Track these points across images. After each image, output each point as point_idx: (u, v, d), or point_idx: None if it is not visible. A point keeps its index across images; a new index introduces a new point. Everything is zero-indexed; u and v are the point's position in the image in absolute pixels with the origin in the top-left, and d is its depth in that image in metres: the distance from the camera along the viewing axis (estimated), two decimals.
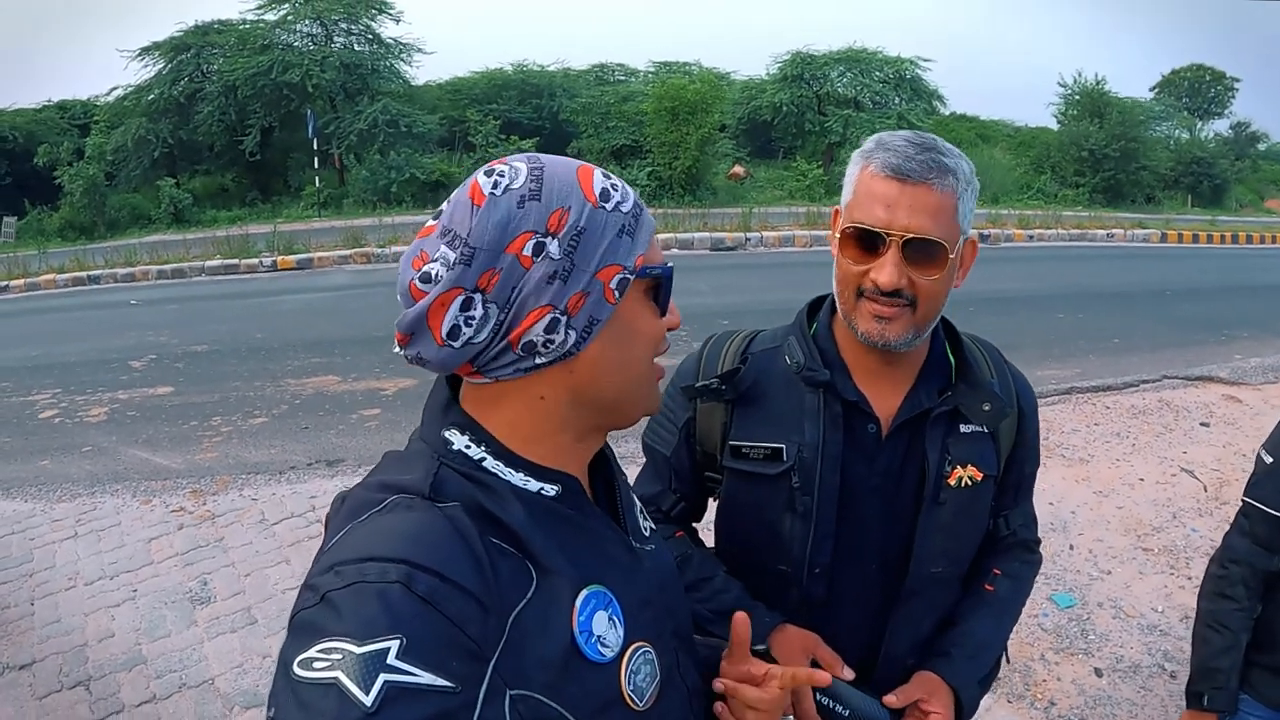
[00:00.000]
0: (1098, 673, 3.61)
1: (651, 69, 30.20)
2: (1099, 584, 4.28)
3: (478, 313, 0.86)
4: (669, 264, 0.96)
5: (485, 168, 0.91)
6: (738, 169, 25.76)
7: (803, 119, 27.35)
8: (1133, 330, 9.74)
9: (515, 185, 0.87)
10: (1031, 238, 17.87)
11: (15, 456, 6.24)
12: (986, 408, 1.43)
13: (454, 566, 0.77)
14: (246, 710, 3.43)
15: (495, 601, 0.80)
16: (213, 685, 3.56)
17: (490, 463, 0.90)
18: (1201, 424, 6.44)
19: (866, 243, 1.32)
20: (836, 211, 1.43)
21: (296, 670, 0.70)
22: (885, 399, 1.46)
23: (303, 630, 0.73)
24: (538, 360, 0.89)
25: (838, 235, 1.37)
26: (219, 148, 23.91)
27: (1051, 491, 5.19)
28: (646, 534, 1.08)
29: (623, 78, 30.71)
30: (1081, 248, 17.72)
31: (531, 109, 27.53)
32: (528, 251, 0.85)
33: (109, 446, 6.31)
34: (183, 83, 23.03)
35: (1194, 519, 4.96)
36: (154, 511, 5.11)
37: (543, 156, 0.92)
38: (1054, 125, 31.21)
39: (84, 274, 14.52)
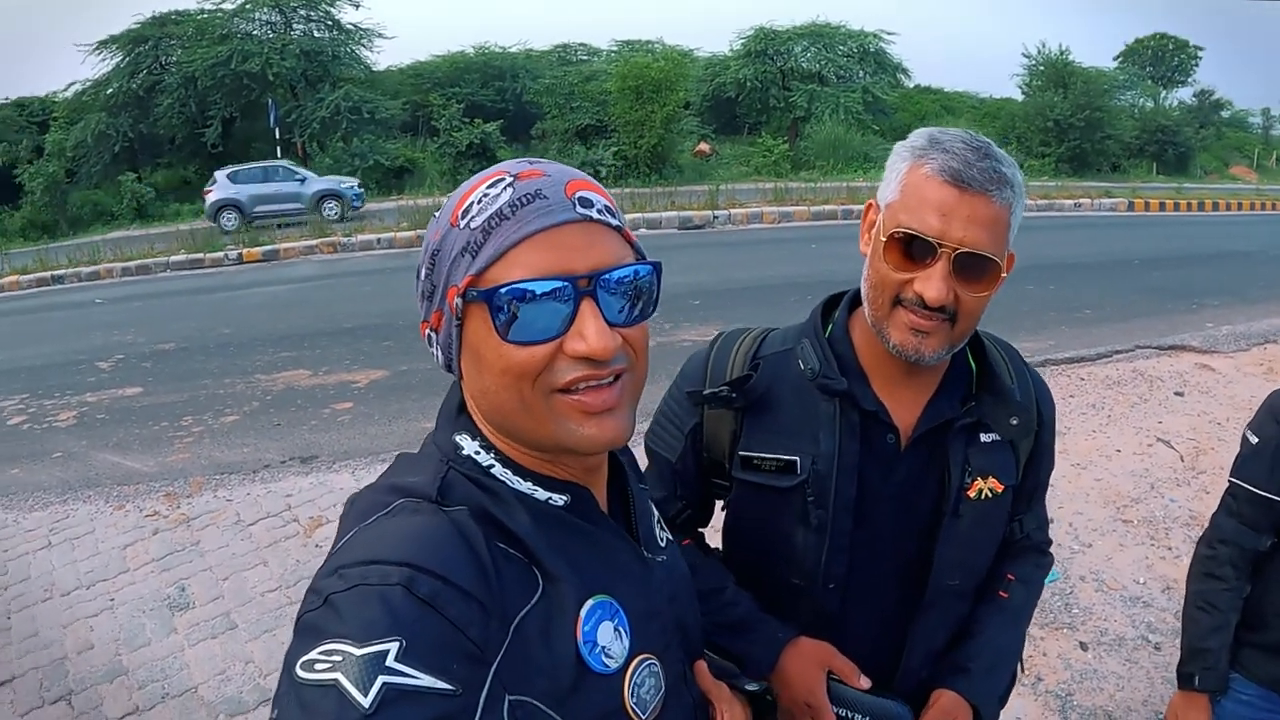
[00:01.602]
0: (1083, 646, 3.63)
1: (614, 48, 30.16)
2: (1080, 557, 4.30)
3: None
4: (519, 281, 0.82)
5: None
6: (703, 146, 25.81)
7: (767, 95, 27.45)
8: (1103, 300, 9.81)
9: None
10: None
11: None
12: (1014, 422, 1.37)
13: (457, 570, 0.77)
14: (232, 719, 3.38)
15: (498, 606, 0.79)
16: (196, 694, 3.51)
17: (499, 470, 0.90)
18: (1176, 393, 6.49)
19: (914, 250, 1.22)
20: (871, 205, 1.33)
21: (299, 672, 0.70)
22: (905, 408, 1.37)
23: (306, 633, 0.73)
24: (447, 369, 0.95)
25: (883, 239, 1.25)
26: (180, 140, 23.71)
27: None
28: (662, 544, 1.06)
29: (585, 57, 30.68)
30: (1049, 218, 17.86)
31: (494, 91, 27.42)
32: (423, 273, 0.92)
33: (79, 451, 6.21)
34: (141, 75, 22.79)
35: (1172, 489, 5.00)
36: (128, 517, 5.03)
37: (493, 167, 0.92)
38: (1019, 96, 31.47)
39: (48, 274, 14.37)
